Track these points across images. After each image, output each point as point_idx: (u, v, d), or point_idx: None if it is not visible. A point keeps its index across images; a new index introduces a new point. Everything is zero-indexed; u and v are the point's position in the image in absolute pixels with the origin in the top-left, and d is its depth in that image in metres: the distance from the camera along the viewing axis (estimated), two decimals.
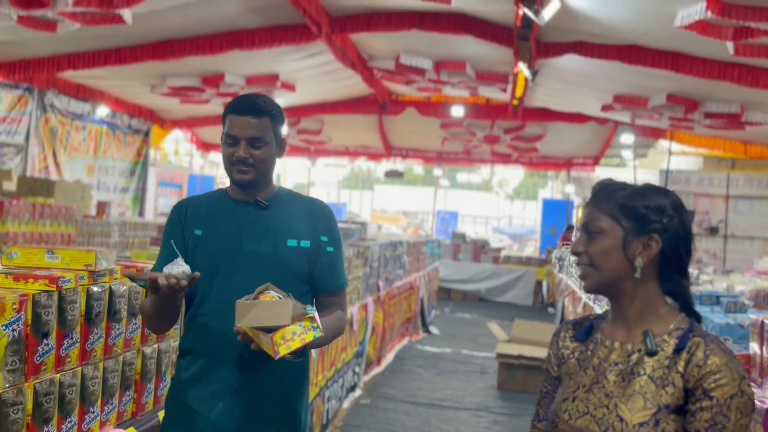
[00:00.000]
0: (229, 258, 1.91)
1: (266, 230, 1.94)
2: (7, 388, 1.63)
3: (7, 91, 9.89)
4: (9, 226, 5.46)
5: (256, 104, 1.91)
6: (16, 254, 1.95)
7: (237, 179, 1.93)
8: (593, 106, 11.16)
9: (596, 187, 1.53)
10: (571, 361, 1.50)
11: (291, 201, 2.02)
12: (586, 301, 7.09)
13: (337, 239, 2.04)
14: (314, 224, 1.99)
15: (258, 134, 1.90)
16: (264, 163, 1.92)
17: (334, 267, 2.01)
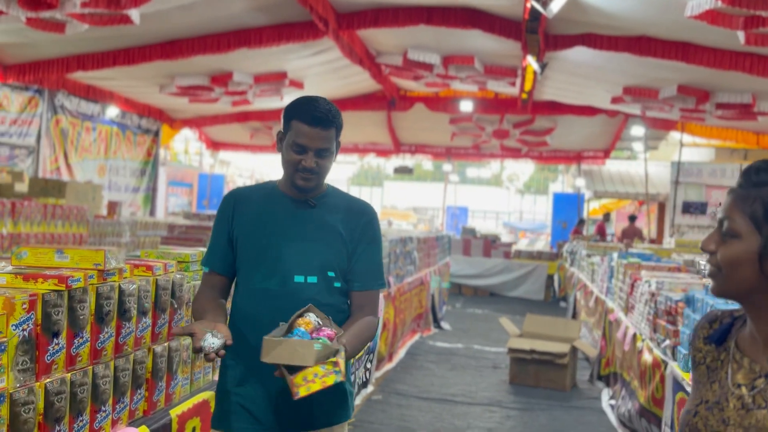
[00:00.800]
0: (272, 253, 1.96)
1: (312, 227, 1.99)
2: (18, 387, 1.64)
3: (17, 93, 9.96)
4: (21, 227, 5.50)
5: (327, 116, 1.93)
6: (26, 254, 1.95)
7: (300, 185, 1.97)
8: (603, 99, 11.09)
9: (744, 171, 1.23)
10: (701, 368, 1.29)
11: (337, 200, 2.07)
12: (599, 296, 7.05)
13: (376, 240, 2.06)
14: (355, 223, 2.03)
15: (326, 146, 1.95)
16: (327, 170, 2.00)
17: (369, 266, 2.03)
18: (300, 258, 1.97)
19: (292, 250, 1.97)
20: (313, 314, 1.83)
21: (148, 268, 2.21)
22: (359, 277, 2.02)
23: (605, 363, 6.21)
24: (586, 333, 7.52)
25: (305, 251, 1.97)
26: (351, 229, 2.02)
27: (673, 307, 3.85)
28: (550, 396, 5.89)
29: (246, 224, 2.02)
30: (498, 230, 28.11)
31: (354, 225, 2.03)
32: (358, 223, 2.04)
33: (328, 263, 1.98)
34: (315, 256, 1.97)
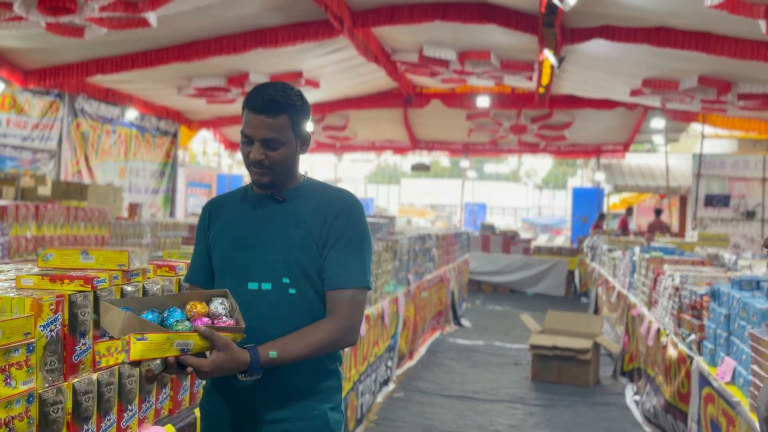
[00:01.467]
0: (238, 254, 1.83)
1: (278, 226, 1.82)
2: (47, 387, 1.66)
3: (38, 97, 10.09)
4: (45, 230, 5.57)
5: (273, 100, 1.76)
6: (52, 256, 1.97)
7: (254, 181, 1.85)
8: (622, 92, 10.96)
9: None
10: None
11: (311, 193, 1.87)
12: (620, 291, 6.98)
13: (350, 232, 1.82)
14: (326, 215, 1.81)
15: (273, 135, 1.77)
16: (281, 164, 1.80)
17: (338, 262, 1.80)
18: (256, 262, 1.80)
19: (248, 254, 1.81)
20: (223, 300, 1.68)
21: (170, 268, 2.23)
22: (327, 275, 1.80)
23: (628, 358, 6.15)
24: (608, 329, 7.46)
25: (262, 254, 1.80)
26: (321, 223, 1.81)
27: (698, 302, 3.80)
28: (573, 392, 5.85)
29: (216, 232, 1.90)
30: (516, 226, 27.98)
31: (324, 218, 1.81)
32: (328, 215, 1.81)
33: (287, 266, 1.78)
34: (273, 259, 1.79)
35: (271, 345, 1.69)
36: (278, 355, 1.68)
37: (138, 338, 1.50)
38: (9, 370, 1.52)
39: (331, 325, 1.77)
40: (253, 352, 1.65)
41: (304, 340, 1.73)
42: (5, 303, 1.63)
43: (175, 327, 1.59)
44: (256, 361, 1.64)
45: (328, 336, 1.76)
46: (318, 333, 1.76)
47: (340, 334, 1.78)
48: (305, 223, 1.81)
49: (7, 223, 5.16)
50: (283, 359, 1.69)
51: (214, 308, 1.66)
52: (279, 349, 1.69)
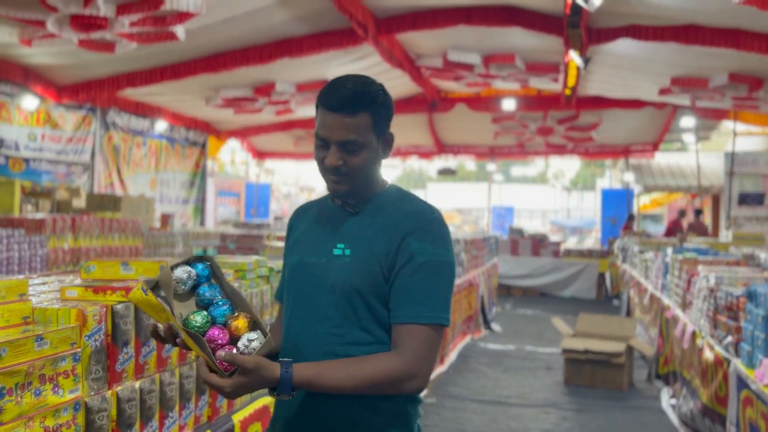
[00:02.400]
0: (302, 280, 1.61)
1: (337, 242, 1.58)
2: (93, 395, 1.71)
3: (72, 112, 10.34)
4: (81, 242, 5.70)
5: (352, 96, 1.50)
6: (94, 268, 2.03)
7: (331, 190, 1.59)
8: (650, 91, 10.83)
9: None
10: None
11: (386, 204, 1.59)
12: (653, 292, 6.89)
13: (425, 254, 1.50)
14: (396, 232, 1.52)
15: (352, 137, 1.51)
16: (361, 170, 1.54)
17: (408, 291, 1.49)
18: (315, 281, 1.58)
19: (308, 274, 1.59)
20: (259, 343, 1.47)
21: None
22: (393, 305, 1.51)
23: (663, 361, 6.06)
24: (641, 331, 7.36)
25: (321, 275, 1.57)
26: (388, 241, 1.52)
27: (735, 303, 3.74)
28: (607, 396, 5.78)
29: (290, 244, 1.72)
30: (545, 229, 27.74)
31: (393, 235, 1.52)
32: (398, 232, 1.52)
33: (348, 287, 1.52)
34: (333, 280, 1.54)
35: (311, 365, 1.47)
36: (313, 378, 1.44)
37: (143, 288, 1.45)
38: (57, 379, 1.57)
39: (390, 362, 1.46)
40: (286, 368, 1.44)
41: (351, 369, 1.46)
42: (52, 314, 1.68)
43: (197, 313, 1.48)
44: (286, 379, 1.43)
45: (383, 373, 1.45)
46: (370, 366, 1.46)
47: (399, 376, 1.45)
48: (370, 241, 1.54)
49: (45, 236, 5.29)
50: (319, 384, 1.45)
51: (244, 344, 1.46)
52: (317, 371, 1.45)
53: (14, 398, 1.45)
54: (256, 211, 17.82)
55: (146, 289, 1.45)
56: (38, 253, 5.13)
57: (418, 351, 1.47)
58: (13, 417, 1.44)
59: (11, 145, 9.25)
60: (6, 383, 1.43)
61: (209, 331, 1.47)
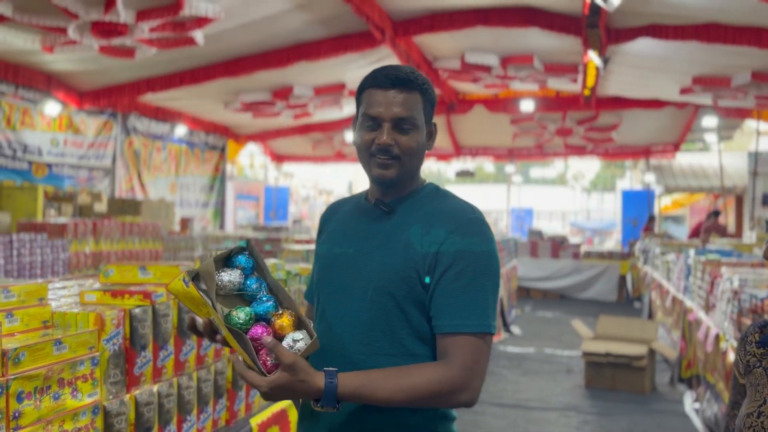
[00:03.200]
0: (331, 280, 1.53)
1: (377, 244, 1.48)
2: (111, 399, 1.71)
3: (93, 117, 10.47)
4: (102, 245, 5.76)
5: (405, 75, 1.45)
6: (112, 272, 2.05)
7: (377, 176, 1.47)
8: (671, 90, 10.70)
9: None
10: (757, 371, 1.32)
11: (423, 203, 1.50)
12: (675, 295, 6.79)
13: (468, 259, 1.40)
14: (436, 234, 1.43)
15: (407, 113, 1.43)
16: (412, 153, 1.46)
17: (454, 297, 1.39)
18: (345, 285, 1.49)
19: (337, 278, 1.52)
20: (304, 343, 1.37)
21: None
22: (438, 311, 1.41)
23: (686, 365, 5.97)
24: (663, 334, 7.26)
25: (366, 276, 1.47)
26: (427, 244, 1.42)
27: (759, 305, 3.67)
28: (629, 400, 5.71)
29: (320, 243, 1.64)
30: (564, 231, 27.52)
31: (432, 238, 1.43)
32: (438, 234, 1.43)
33: (381, 292, 1.43)
34: (365, 283, 1.45)
35: (356, 375, 1.36)
36: (359, 389, 1.33)
37: (185, 280, 1.36)
38: (75, 383, 1.58)
39: (441, 373, 1.36)
40: (331, 378, 1.33)
41: (400, 380, 1.35)
42: (71, 318, 1.70)
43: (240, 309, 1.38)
44: (331, 390, 1.32)
45: (433, 385, 1.35)
46: (420, 377, 1.36)
47: (450, 389, 1.36)
48: (411, 241, 1.44)
49: (67, 240, 5.36)
50: (365, 396, 1.34)
51: (292, 339, 1.37)
52: (363, 381, 1.35)
53: (33, 402, 1.46)
54: (275, 214, 17.90)
55: (188, 281, 1.36)
56: (60, 257, 5.19)
57: (467, 362, 1.37)
58: (32, 421, 1.45)
59: (34, 151, 9.39)
60: (25, 387, 1.44)
61: (252, 328, 1.37)
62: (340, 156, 16.86)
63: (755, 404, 1.28)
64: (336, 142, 15.52)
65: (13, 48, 7.60)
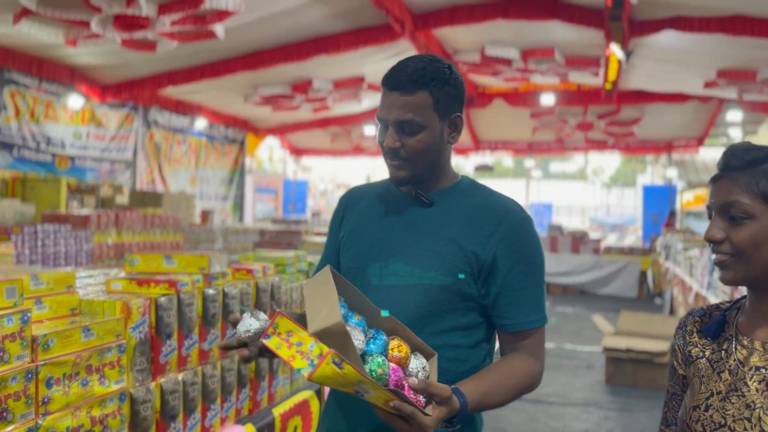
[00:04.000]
0: (368, 267, 1.49)
1: (421, 235, 1.46)
2: (138, 386, 1.73)
3: (115, 110, 10.57)
4: (124, 237, 5.82)
5: (410, 75, 1.41)
6: (138, 261, 2.06)
7: (391, 176, 1.49)
8: (695, 84, 10.55)
9: (730, 154, 1.24)
10: (701, 362, 1.28)
11: (468, 198, 1.49)
12: (698, 291, 6.71)
13: (529, 257, 1.45)
14: (488, 232, 1.43)
15: (408, 116, 1.41)
16: (421, 154, 1.44)
17: (517, 296, 1.44)
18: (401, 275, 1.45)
19: (378, 269, 1.47)
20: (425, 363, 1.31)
21: (248, 271, 2.28)
22: (504, 311, 1.45)
23: None
24: None
25: (408, 267, 1.44)
26: (480, 240, 1.43)
27: None
28: (651, 396, 5.66)
29: (348, 231, 1.59)
30: (584, 226, 27.31)
31: (486, 234, 1.43)
32: (494, 231, 1.43)
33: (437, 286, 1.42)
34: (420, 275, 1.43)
35: (475, 387, 1.33)
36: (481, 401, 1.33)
37: (336, 362, 1.11)
38: (103, 369, 1.59)
39: (532, 367, 1.45)
40: (461, 397, 1.28)
41: (507, 383, 1.39)
42: (98, 306, 1.71)
43: (371, 361, 1.22)
44: (463, 409, 1.28)
45: (530, 381, 1.44)
46: (521, 377, 1.42)
47: (538, 379, 1.47)
48: (455, 236, 1.44)
49: (90, 231, 5.42)
50: (485, 406, 1.36)
51: (414, 367, 1.29)
52: (482, 395, 1.33)
53: (62, 388, 1.48)
54: (294, 208, 17.97)
55: (340, 362, 1.11)
56: (84, 247, 5.25)
57: (542, 353, 1.50)
58: (60, 406, 1.47)
59: (57, 143, 9.50)
60: (54, 373, 1.46)
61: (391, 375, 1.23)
62: (358, 150, 16.86)
63: (702, 397, 1.24)
64: (354, 135, 15.53)
65: (37, 41, 7.68)
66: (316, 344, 1.17)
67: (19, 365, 1.38)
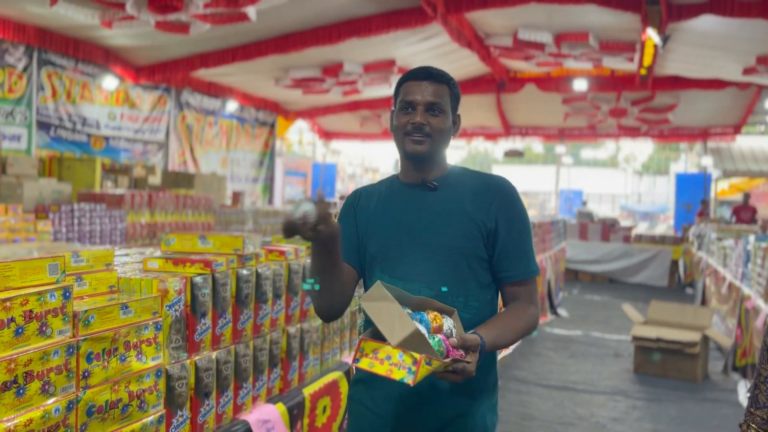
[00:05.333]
0: (396, 246, 1.73)
1: (435, 214, 1.73)
2: (173, 363, 1.77)
3: (148, 92, 10.70)
4: (157, 217, 5.92)
5: (437, 73, 1.77)
6: (173, 240, 2.10)
7: (410, 150, 1.73)
8: (733, 70, 10.28)
9: None
10: None
11: (464, 179, 1.79)
12: (732, 281, 6.59)
13: (520, 220, 1.77)
14: (490, 203, 1.74)
15: (436, 99, 1.73)
16: (440, 133, 1.73)
17: (515, 252, 1.74)
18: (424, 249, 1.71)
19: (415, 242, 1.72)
20: (452, 321, 1.54)
21: (280, 253, 2.31)
22: (506, 266, 1.74)
23: (741, 353, 5.81)
24: (717, 321, 7.06)
25: (430, 241, 1.71)
26: (484, 211, 1.73)
27: None
28: (680, 387, 5.59)
29: (367, 220, 1.80)
30: (614, 214, 26.94)
31: (487, 205, 1.73)
32: (492, 201, 1.74)
33: (453, 251, 1.70)
34: (443, 245, 1.70)
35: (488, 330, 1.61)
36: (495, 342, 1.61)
37: (427, 362, 1.36)
38: (140, 346, 1.63)
39: (533, 312, 1.75)
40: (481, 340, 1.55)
41: (515, 326, 1.69)
42: (135, 284, 1.75)
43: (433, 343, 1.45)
44: (483, 348, 1.55)
45: (532, 321, 1.74)
46: (525, 319, 1.72)
47: (537, 321, 1.77)
48: (466, 210, 1.73)
49: (125, 210, 5.51)
50: (497, 347, 1.64)
51: (447, 328, 1.51)
52: (495, 334, 1.61)
53: (101, 363, 1.52)
54: (323, 191, 18.03)
55: (429, 361, 1.37)
56: (118, 226, 5.36)
57: (537, 298, 1.80)
58: (100, 381, 1.51)
59: (93, 124, 9.66)
60: (94, 348, 1.50)
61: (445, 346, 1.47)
62: (387, 134, 16.82)
63: None
64: (384, 119, 15.50)
65: (74, 23, 7.80)
66: (404, 354, 1.37)
67: (61, 340, 1.43)
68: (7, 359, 1.30)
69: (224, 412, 1.97)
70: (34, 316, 1.37)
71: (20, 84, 8.39)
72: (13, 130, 8.26)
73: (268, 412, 2.12)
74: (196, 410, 1.84)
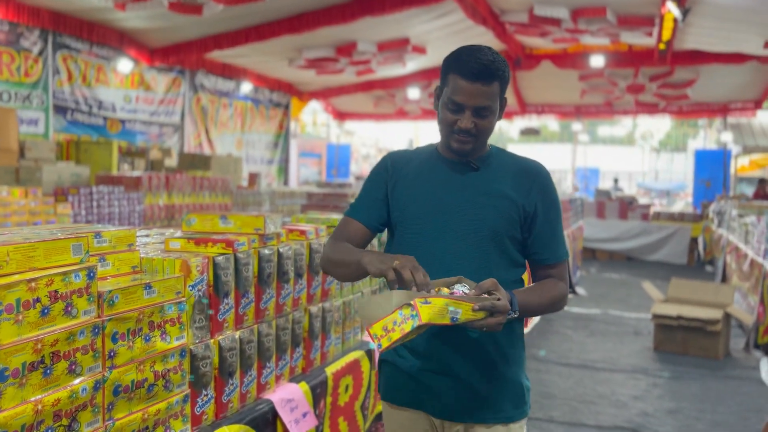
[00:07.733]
0: (434, 223, 1.76)
1: (475, 193, 1.76)
2: (197, 343, 1.77)
3: (163, 74, 10.69)
4: (174, 199, 5.93)
5: (488, 69, 1.68)
6: (195, 221, 2.09)
7: (456, 149, 1.75)
8: (755, 44, 10.06)
9: None
10: None
11: (504, 162, 1.82)
12: (754, 258, 6.50)
13: (555, 206, 1.81)
14: (528, 187, 1.77)
15: (486, 103, 1.70)
16: (487, 132, 1.75)
17: (550, 236, 1.79)
18: (461, 227, 1.74)
19: (453, 219, 1.75)
20: (463, 284, 1.62)
21: (301, 232, 2.30)
22: (540, 249, 1.79)
23: (763, 331, 5.75)
24: (739, 299, 6.99)
25: (459, 222, 1.74)
26: (524, 194, 1.76)
27: None
28: (701, 364, 5.55)
29: (403, 188, 1.82)
30: (632, 191, 26.68)
31: (527, 189, 1.77)
32: (532, 186, 1.77)
33: (489, 230, 1.74)
34: (481, 225, 1.74)
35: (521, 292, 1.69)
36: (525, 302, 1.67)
37: (422, 302, 1.45)
38: (164, 326, 1.63)
39: (562, 289, 1.81)
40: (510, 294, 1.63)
41: (546, 295, 1.75)
42: (158, 264, 1.74)
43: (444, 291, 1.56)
44: (513, 297, 1.63)
45: (562, 298, 1.80)
46: (555, 293, 1.77)
47: (565, 298, 1.83)
48: (506, 192, 1.76)
49: (142, 192, 5.54)
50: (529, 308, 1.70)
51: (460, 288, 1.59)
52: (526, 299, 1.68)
53: (126, 343, 1.51)
54: (337, 172, 18.03)
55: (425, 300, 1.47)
56: (136, 208, 5.38)
57: (567, 278, 1.86)
58: (125, 360, 1.51)
59: (108, 107, 9.69)
60: (119, 328, 1.49)
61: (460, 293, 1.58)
62: (401, 114, 16.72)
63: None
64: (398, 99, 15.38)
65: (88, 6, 7.79)
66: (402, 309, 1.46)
67: (87, 320, 1.42)
68: (33, 339, 1.30)
69: (248, 391, 1.97)
70: (60, 297, 1.37)
71: (36, 68, 8.41)
72: (30, 114, 8.30)
73: (292, 391, 2.12)
74: (221, 389, 1.85)
